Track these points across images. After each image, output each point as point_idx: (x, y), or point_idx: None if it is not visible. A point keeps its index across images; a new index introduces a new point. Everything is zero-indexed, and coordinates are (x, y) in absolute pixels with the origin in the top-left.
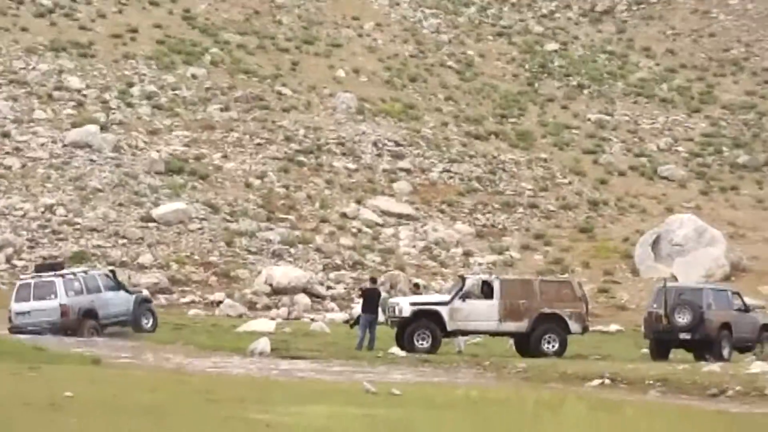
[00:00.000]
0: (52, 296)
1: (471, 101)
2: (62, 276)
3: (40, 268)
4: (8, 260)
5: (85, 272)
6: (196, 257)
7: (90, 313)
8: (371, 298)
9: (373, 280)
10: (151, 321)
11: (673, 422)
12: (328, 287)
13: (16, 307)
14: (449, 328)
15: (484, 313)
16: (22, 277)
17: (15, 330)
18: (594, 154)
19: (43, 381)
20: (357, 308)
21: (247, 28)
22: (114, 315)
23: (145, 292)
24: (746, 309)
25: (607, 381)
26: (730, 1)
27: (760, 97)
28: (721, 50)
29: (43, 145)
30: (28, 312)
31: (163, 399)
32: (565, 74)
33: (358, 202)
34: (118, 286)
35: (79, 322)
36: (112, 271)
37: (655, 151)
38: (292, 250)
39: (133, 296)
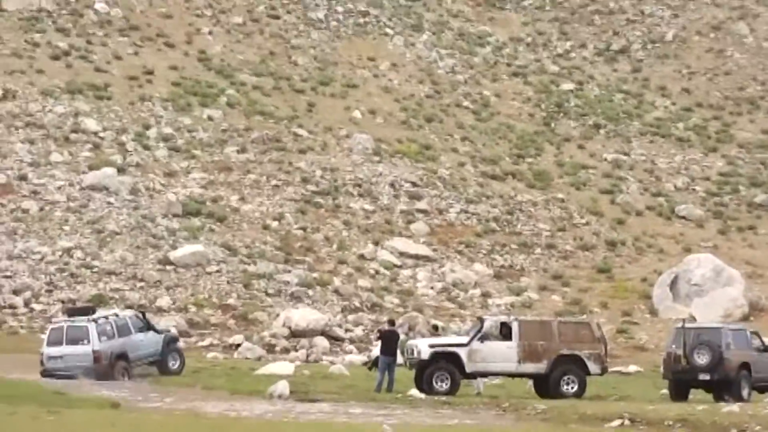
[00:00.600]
0: (85, 341)
1: (487, 141)
2: (95, 321)
3: (72, 312)
4: (26, 304)
5: (117, 315)
6: (214, 300)
7: (121, 356)
8: (390, 340)
9: (392, 322)
10: (178, 362)
11: None
12: (347, 329)
13: (48, 351)
14: (468, 369)
15: (502, 354)
16: (54, 320)
17: (47, 374)
18: (611, 194)
19: (63, 425)
20: (375, 350)
21: (262, 70)
22: (144, 356)
23: (173, 331)
24: (765, 349)
25: (626, 422)
26: (745, 40)
27: None
28: (736, 89)
29: (60, 188)
30: (61, 357)
31: None
32: (581, 114)
33: (376, 243)
34: (148, 326)
35: (111, 367)
36: (141, 312)
37: (672, 191)
38: (310, 292)
39: (162, 336)
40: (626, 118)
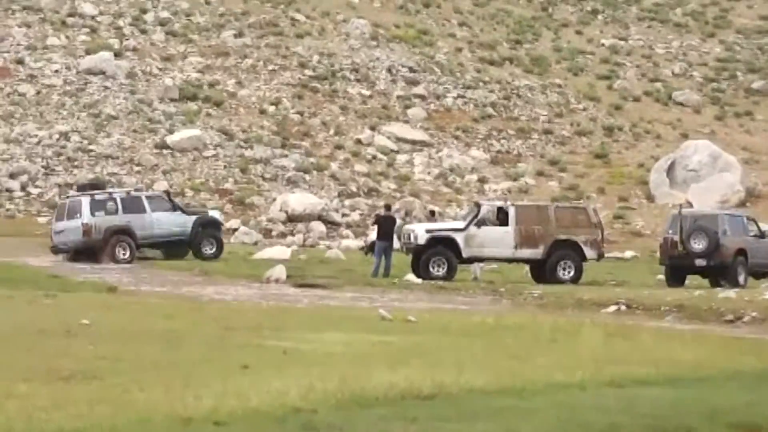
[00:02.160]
0: (78, 216)
1: (485, 27)
2: (91, 196)
3: (81, 188)
4: (23, 188)
5: (127, 192)
6: (211, 184)
7: (122, 232)
8: (386, 225)
9: (388, 207)
10: (214, 247)
11: (689, 348)
12: (344, 214)
13: (54, 226)
14: (465, 254)
15: (499, 239)
16: (63, 196)
17: (54, 249)
18: (608, 80)
19: (59, 308)
20: (372, 235)
21: None
22: (161, 236)
23: (214, 214)
24: (762, 235)
25: (623, 307)
26: None
27: None
28: None
29: (57, 71)
30: (62, 231)
31: (179, 326)
32: None
33: (373, 128)
34: (174, 207)
35: (106, 242)
36: (167, 192)
37: (669, 77)
38: (307, 177)
39: (193, 218)
40: (624, 4)
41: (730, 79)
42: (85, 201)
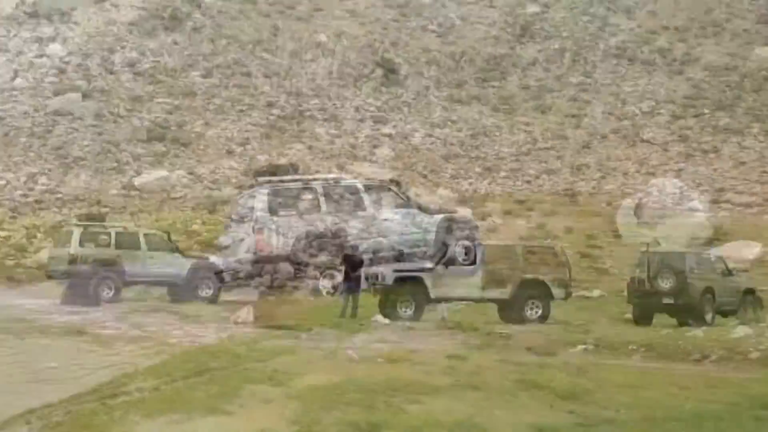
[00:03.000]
0: (68, 245)
1: (453, 65)
2: (84, 227)
3: (80, 218)
4: None
5: (125, 228)
6: (179, 225)
7: (109, 266)
8: (354, 266)
9: (355, 248)
10: (211, 290)
11: (656, 386)
12: (311, 255)
13: (50, 252)
14: (432, 295)
15: (467, 279)
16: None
17: (48, 274)
18: (576, 118)
19: (27, 351)
20: (339, 276)
21: None
22: (154, 275)
23: (215, 260)
24: (729, 273)
25: (590, 347)
26: None
27: (742, 59)
28: (702, 12)
29: (25, 113)
30: (54, 257)
31: (147, 368)
32: (546, 37)
33: (341, 167)
34: (173, 248)
35: (91, 273)
36: (167, 234)
37: (637, 114)
38: (275, 218)
39: (191, 261)
40: (591, 42)
41: (697, 116)
42: (77, 231)
